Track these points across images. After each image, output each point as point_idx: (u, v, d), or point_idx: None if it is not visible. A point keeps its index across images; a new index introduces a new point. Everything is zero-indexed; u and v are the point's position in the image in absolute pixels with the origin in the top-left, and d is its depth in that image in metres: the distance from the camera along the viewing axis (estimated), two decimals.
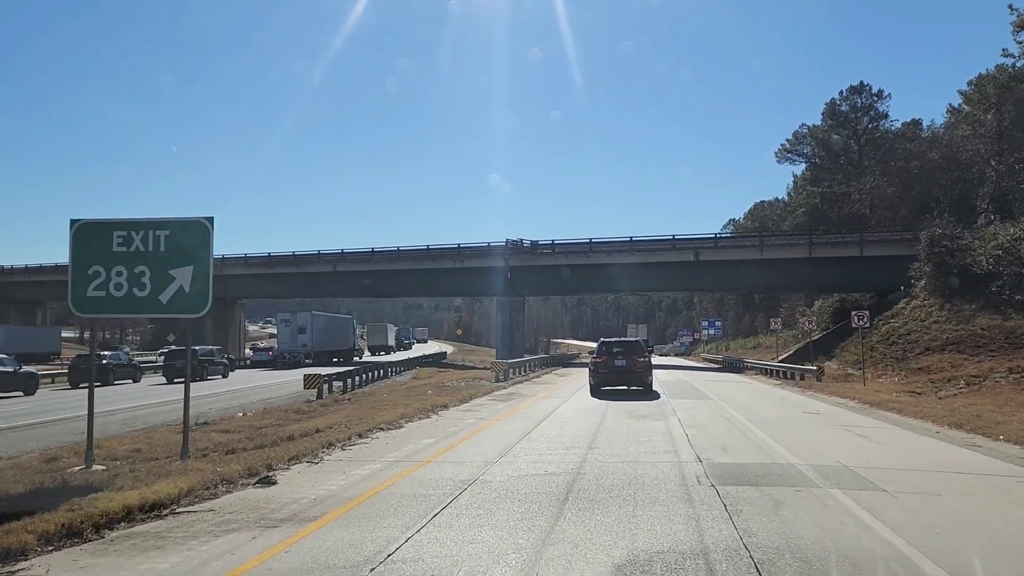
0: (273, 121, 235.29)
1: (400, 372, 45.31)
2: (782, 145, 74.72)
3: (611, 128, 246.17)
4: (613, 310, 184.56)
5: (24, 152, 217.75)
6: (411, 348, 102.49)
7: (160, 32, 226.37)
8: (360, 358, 64.98)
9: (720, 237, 53.64)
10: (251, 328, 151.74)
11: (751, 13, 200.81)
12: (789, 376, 35.20)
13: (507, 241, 56.85)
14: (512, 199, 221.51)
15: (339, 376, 28.49)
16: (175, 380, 37.12)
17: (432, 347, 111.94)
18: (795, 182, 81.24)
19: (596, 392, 24.77)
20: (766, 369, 40.44)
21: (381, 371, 38.91)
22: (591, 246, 55.80)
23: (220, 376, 42.44)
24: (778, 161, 75.18)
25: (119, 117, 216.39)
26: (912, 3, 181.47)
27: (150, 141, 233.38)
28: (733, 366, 50.61)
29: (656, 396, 23.93)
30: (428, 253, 59.68)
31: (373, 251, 61.44)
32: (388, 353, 79.13)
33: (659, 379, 33.88)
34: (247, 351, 72.78)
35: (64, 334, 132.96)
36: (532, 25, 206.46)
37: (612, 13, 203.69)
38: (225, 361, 46.69)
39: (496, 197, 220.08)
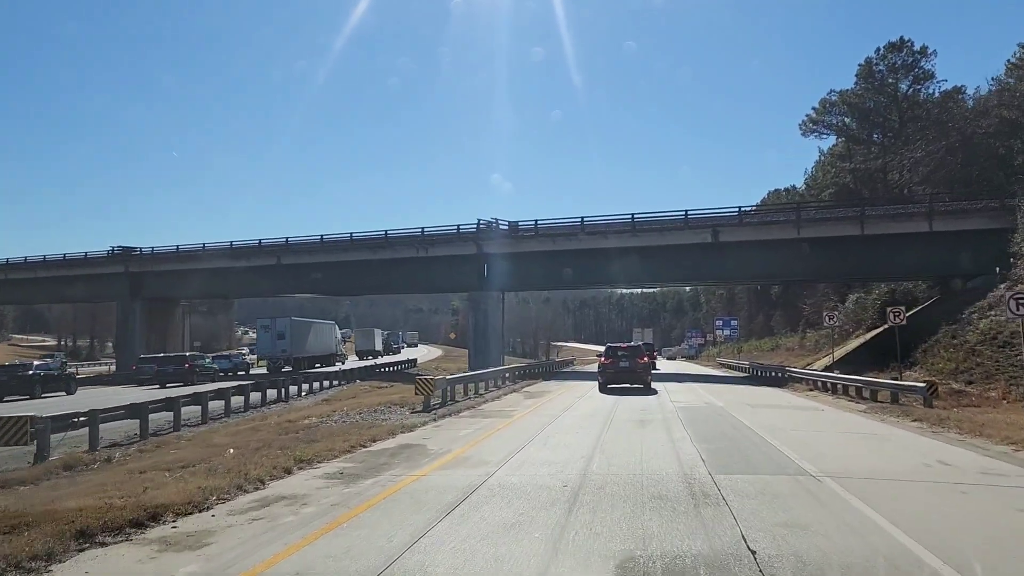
0: (274, 122, 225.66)
1: (333, 385, 33.30)
2: (808, 115, 61.99)
3: (613, 127, 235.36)
4: (616, 311, 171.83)
5: (23, 155, 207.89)
6: (400, 352, 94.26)
7: (160, 33, 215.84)
8: (343, 364, 57.92)
9: (746, 212, 40.80)
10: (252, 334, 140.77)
11: (754, 10, 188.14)
12: (868, 395, 22.44)
13: (479, 222, 44.31)
14: (513, 198, 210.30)
15: (131, 410, 15.85)
16: (168, 384, 36.65)
17: (422, 351, 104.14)
18: (820, 161, 68.41)
19: (604, 389, 27.36)
20: (823, 383, 27.59)
21: (282, 390, 26.48)
22: (584, 228, 43.22)
23: (210, 380, 39.28)
24: (803, 134, 62.46)
25: (118, 118, 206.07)
26: None
27: (150, 142, 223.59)
28: (768, 376, 37.74)
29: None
30: (386, 241, 47.26)
31: (323, 239, 49.09)
32: (375, 357, 72.59)
33: (676, 402, 21.47)
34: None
35: (48, 340, 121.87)
36: (533, 24, 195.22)
37: (613, 12, 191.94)
38: (215, 367, 45.10)
39: (497, 197, 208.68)
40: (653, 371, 52.62)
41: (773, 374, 36.58)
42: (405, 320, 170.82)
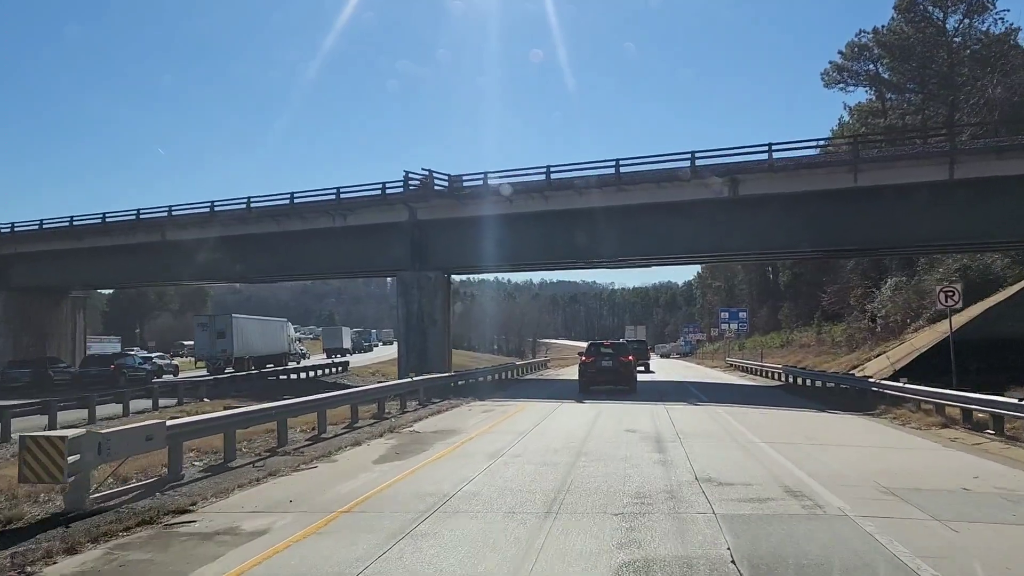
0: (272, 121, 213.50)
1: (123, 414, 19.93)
2: (832, 63, 48.55)
3: (613, 127, 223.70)
4: (608, 307, 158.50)
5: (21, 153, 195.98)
6: (371, 350, 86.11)
7: (159, 34, 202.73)
8: (299, 363, 49.67)
9: (779, 152, 27.10)
10: None
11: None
12: None
13: (407, 176, 30.80)
14: None
15: None
16: (91, 388, 28.67)
17: (394, 349, 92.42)
18: (844, 123, 54.91)
19: (584, 390, 24.03)
20: (965, 409, 14.13)
21: None
22: (551, 182, 29.82)
23: (142, 385, 32.10)
24: (826, 85, 49.06)
25: (115, 117, 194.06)
26: None
27: (146, 141, 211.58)
28: (818, 389, 24.35)
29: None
30: (292, 208, 33.86)
31: (213, 207, 35.60)
32: (343, 356, 65.47)
33: (712, 483, 7.46)
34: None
35: None
36: (531, 26, 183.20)
37: (612, 13, 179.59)
38: (148, 367, 39.09)
39: None
40: (649, 373, 38.60)
41: (835, 386, 23.07)
42: (390, 317, 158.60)
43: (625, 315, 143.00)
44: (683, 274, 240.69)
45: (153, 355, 52.93)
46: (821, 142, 35.67)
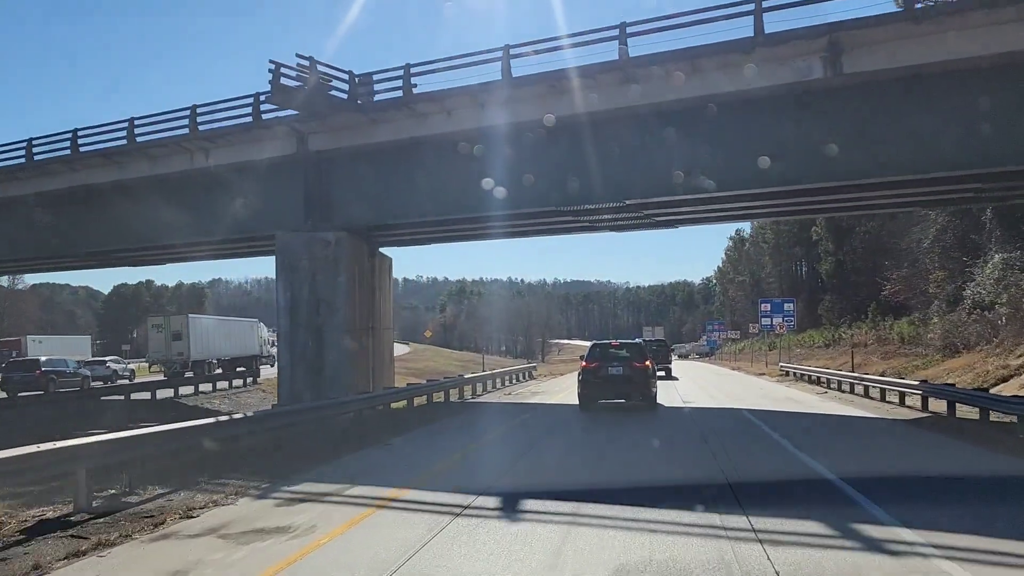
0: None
1: None
2: None
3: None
4: (623, 306, 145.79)
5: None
6: None
7: (155, 32, 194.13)
8: (272, 366, 42.69)
9: None
10: None
11: None
12: None
13: (277, 68, 17.59)
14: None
15: None
16: (20, 394, 26.56)
17: (398, 349, 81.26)
18: None
19: (587, 407, 17.51)
20: None
21: None
22: (512, 78, 16.84)
23: (77, 388, 29.62)
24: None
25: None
26: None
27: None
28: None
29: None
30: (134, 145, 21.15)
31: (31, 147, 22.94)
32: None
33: None
34: None
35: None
36: (527, 26, 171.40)
37: (609, 13, 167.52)
38: (85, 373, 33.42)
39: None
40: (671, 380, 31.68)
41: None
42: (395, 316, 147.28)
43: (641, 314, 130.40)
44: (700, 271, 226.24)
45: (107, 359, 45.42)
46: None
